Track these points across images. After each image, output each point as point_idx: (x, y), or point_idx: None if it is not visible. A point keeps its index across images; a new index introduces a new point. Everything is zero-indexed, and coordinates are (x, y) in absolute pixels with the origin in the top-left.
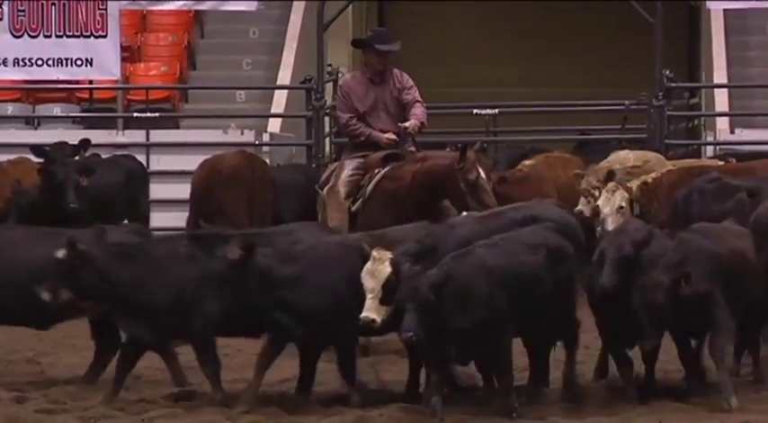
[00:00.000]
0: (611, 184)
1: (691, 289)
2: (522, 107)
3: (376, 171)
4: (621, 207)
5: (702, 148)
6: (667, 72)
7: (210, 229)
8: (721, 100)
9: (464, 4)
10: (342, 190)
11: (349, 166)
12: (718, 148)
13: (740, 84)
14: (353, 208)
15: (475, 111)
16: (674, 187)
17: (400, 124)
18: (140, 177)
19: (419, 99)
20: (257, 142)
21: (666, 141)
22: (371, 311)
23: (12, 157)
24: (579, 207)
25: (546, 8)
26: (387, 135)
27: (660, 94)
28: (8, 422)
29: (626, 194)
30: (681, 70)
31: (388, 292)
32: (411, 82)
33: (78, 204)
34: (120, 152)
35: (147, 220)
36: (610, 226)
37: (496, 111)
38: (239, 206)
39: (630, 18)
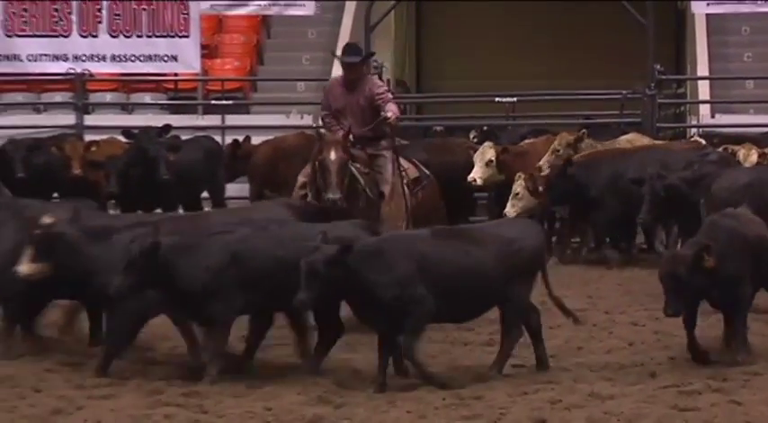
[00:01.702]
0: (486, 143)
1: (713, 262)
2: (536, 96)
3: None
4: (491, 161)
5: (687, 129)
6: (658, 66)
7: (274, 197)
8: (703, 90)
9: (489, 7)
10: (299, 180)
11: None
12: (700, 129)
13: (719, 76)
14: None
15: (497, 99)
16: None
17: (382, 113)
18: (217, 155)
19: (391, 98)
20: (314, 125)
21: (657, 125)
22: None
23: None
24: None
25: (556, 12)
26: (338, 134)
27: (652, 84)
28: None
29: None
30: (669, 65)
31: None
32: (383, 87)
33: (167, 177)
34: (199, 134)
35: (222, 190)
36: (475, 175)
37: (515, 99)
38: None
39: (627, 20)
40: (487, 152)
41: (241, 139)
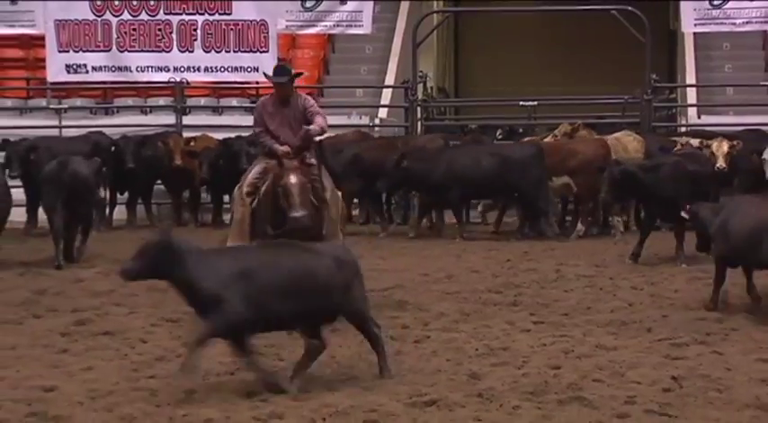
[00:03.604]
0: None
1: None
2: (553, 100)
3: (270, 176)
4: None
5: (678, 129)
6: (654, 76)
7: None
8: (691, 95)
9: (515, 26)
10: (245, 189)
11: (254, 170)
12: (688, 128)
13: (705, 84)
14: (253, 205)
15: (520, 102)
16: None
17: (304, 126)
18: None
19: (320, 111)
20: (371, 124)
21: (653, 124)
22: None
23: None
24: None
25: (570, 29)
26: (283, 148)
27: (649, 91)
28: None
29: None
30: (663, 74)
31: None
32: (312, 103)
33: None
34: None
35: None
36: None
37: (536, 102)
38: None
39: (628, 38)
40: None
41: None
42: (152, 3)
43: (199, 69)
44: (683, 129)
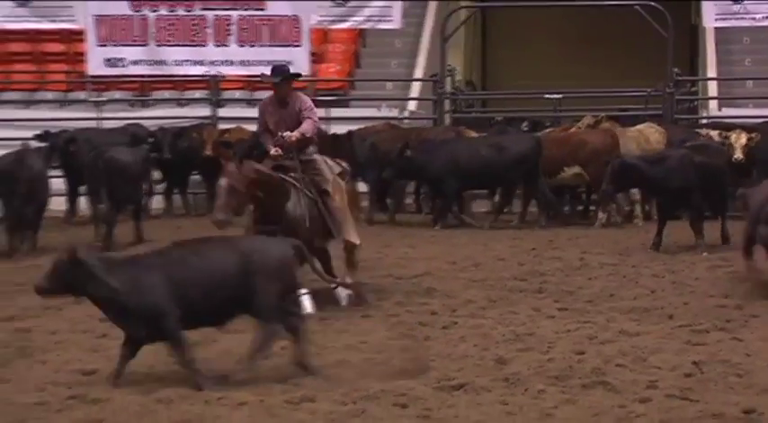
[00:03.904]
0: None
1: None
2: (577, 93)
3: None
4: None
5: (699, 121)
6: (676, 69)
7: None
8: (712, 88)
9: (541, 21)
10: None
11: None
12: (709, 120)
13: (725, 77)
14: None
15: (546, 95)
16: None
17: (280, 133)
18: (322, 139)
19: (311, 116)
20: (400, 116)
21: (675, 116)
22: None
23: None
24: None
25: (594, 24)
26: (273, 149)
27: (671, 84)
28: None
29: None
30: (685, 68)
31: None
32: (309, 104)
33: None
34: None
35: None
36: None
37: (561, 95)
38: None
39: (651, 33)
40: None
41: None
42: None
43: (233, 63)
44: (704, 121)
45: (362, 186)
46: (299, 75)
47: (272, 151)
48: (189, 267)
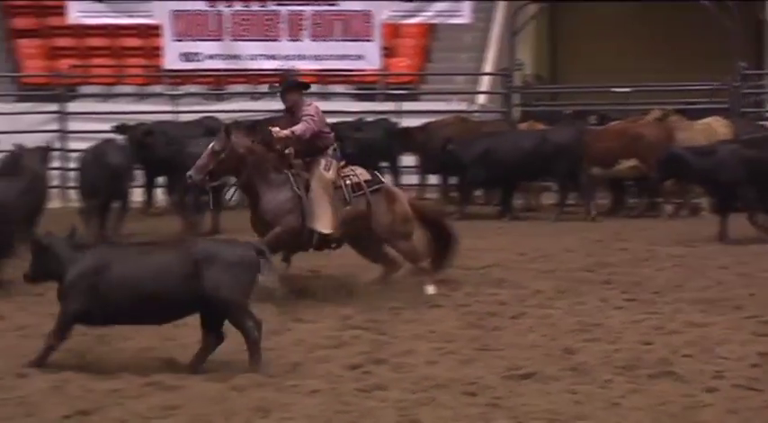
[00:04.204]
0: None
1: None
2: (646, 86)
3: None
4: None
5: (765, 114)
6: (743, 63)
7: None
8: None
9: (609, 15)
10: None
11: None
12: None
13: None
14: None
15: (614, 89)
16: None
17: (271, 129)
18: (394, 132)
19: (307, 120)
20: (470, 110)
21: (742, 110)
22: None
23: None
24: None
25: (662, 18)
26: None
27: (738, 78)
28: None
29: None
30: (751, 62)
31: None
32: (308, 110)
33: (350, 150)
34: (380, 117)
35: (396, 161)
36: None
37: (629, 89)
38: None
39: (718, 27)
40: None
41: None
42: None
43: (306, 57)
44: None
45: (433, 179)
46: (305, 85)
47: (275, 131)
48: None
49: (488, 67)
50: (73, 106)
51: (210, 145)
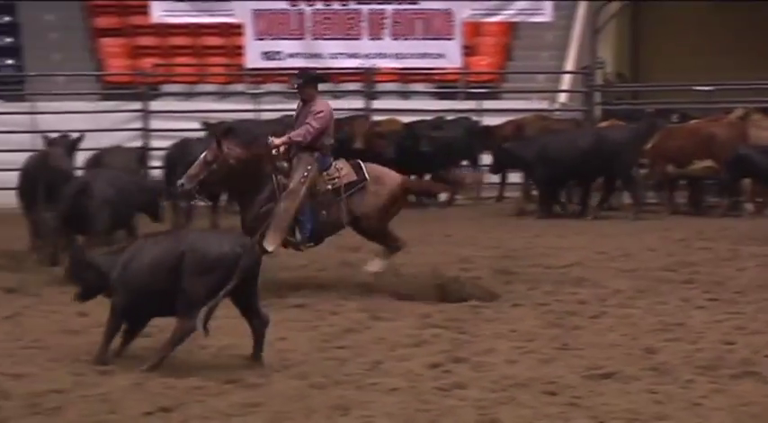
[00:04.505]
0: None
1: None
2: (728, 85)
3: None
4: None
5: None
6: None
7: None
8: None
9: (690, 13)
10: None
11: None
12: None
13: None
14: None
15: (696, 87)
16: None
17: (270, 138)
18: (475, 131)
19: (309, 121)
20: (551, 108)
21: None
22: None
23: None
24: None
25: (742, 16)
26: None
27: None
28: None
29: None
30: None
31: None
32: (317, 108)
33: (428, 148)
34: (461, 116)
35: (477, 160)
36: None
37: (711, 87)
38: None
39: None
40: None
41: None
42: None
43: (387, 56)
44: None
45: (515, 178)
46: (320, 78)
47: (269, 140)
48: (139, 259)
49: (569, 65)
50: (155, 105)
51: (203, 154)
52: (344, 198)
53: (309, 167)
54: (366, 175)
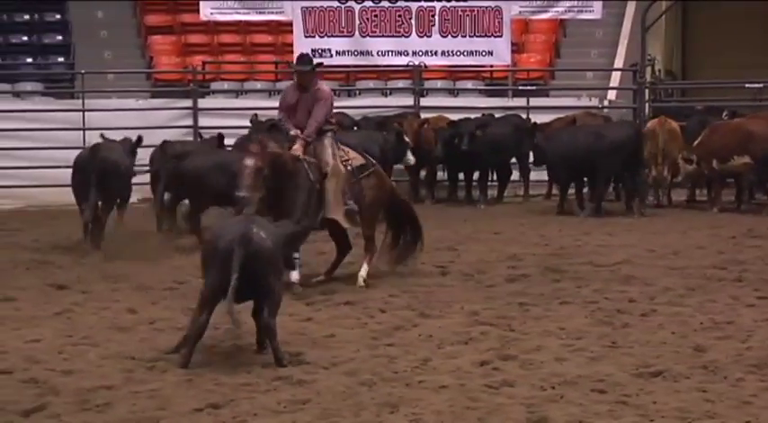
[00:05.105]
0: None
1: None
2: None
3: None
4: None
5: None
6: None
7: None
8: None
9: (740, 11)
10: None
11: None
12: None
13: None
14: None
15: (746, 85)
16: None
17: (292, 132)
18: (524, 129)
19: (321, 103)
20: (600, 106)
21: None
22: None
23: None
24: None
25: None
26: (294, 131)
27: None
28: None
29: None
30: None
31: None
32: (321, 94)
33: (469, 147)
34: (510, 113)
35: (527, 156)
36: None
37: (761, 85)
38: None
39: None
40: None
41: (541, 116)
42: None
43: (436, 53)
44: None
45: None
46: (321, 64)
47: (292, 132)
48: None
49: (619, 62)
50: (205, 102)
51: (250, 162)
52: (359, 180)
53: (332, 145)
54: (373, 161)
